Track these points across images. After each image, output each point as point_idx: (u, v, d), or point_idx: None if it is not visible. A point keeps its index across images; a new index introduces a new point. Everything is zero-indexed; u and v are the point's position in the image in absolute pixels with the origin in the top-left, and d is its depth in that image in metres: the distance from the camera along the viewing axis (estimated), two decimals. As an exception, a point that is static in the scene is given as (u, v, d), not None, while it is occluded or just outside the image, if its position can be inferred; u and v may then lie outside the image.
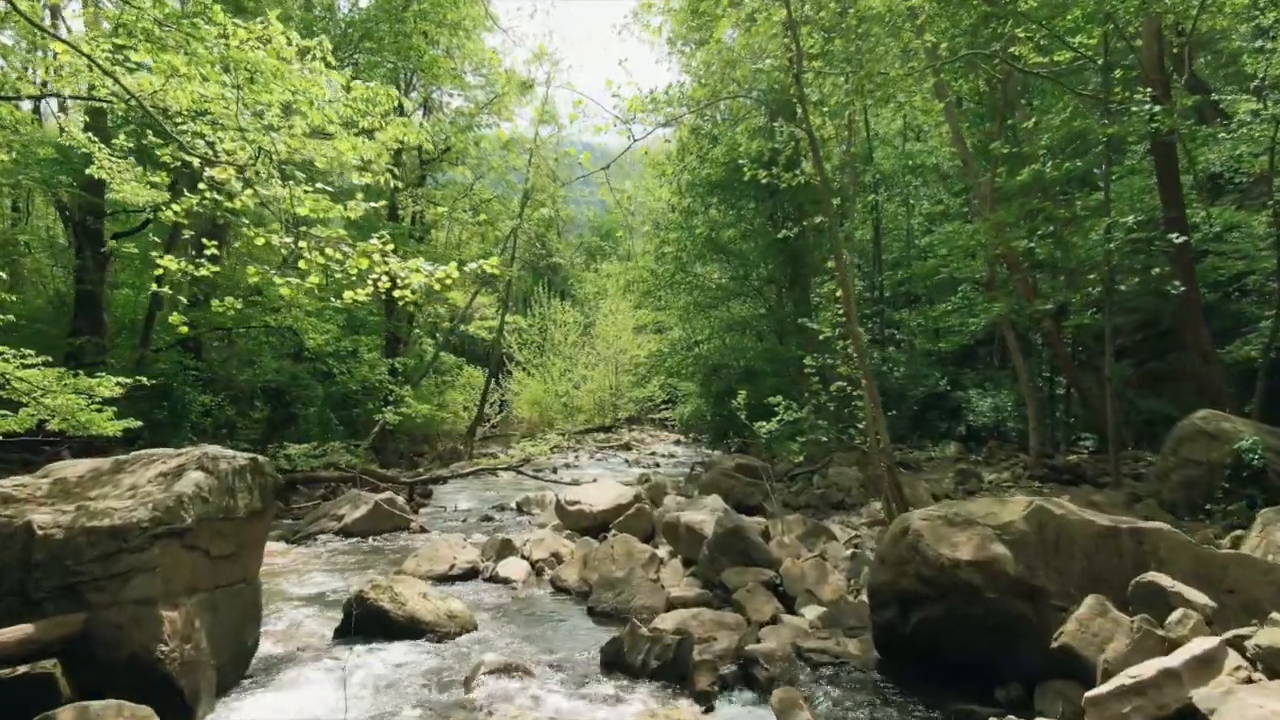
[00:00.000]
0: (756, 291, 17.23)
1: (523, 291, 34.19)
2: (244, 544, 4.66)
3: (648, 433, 27.99)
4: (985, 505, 4.10)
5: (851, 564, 6.03)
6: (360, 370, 15.64)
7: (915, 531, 4.02)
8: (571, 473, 16.78)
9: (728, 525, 6.24)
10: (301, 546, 8.38)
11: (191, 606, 4.14)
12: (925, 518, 4.10)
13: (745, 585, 5.80)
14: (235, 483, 4.55)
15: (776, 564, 6.18)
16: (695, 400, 20.59)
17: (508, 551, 7.40)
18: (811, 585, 5.72)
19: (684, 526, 6.74)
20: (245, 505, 4.60)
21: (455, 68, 20.39)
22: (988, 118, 11.99)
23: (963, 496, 8.97)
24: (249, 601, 4.72)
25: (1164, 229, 8.10)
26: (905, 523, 4.15)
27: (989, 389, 12.83)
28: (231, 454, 4.68)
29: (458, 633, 5.37)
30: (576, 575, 6.50)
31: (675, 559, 6.83)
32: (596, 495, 8.65)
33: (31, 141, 10.86)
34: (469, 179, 24.83)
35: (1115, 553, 3.70)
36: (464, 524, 10.54)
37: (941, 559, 3.85)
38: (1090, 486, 8.63)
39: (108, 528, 3.88)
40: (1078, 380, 11.90)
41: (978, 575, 3.76)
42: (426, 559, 7.09)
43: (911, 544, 4.00)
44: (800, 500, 9.97)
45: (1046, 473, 9.65)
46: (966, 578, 3.78)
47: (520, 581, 6.80)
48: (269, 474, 4.87)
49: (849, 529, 8.16)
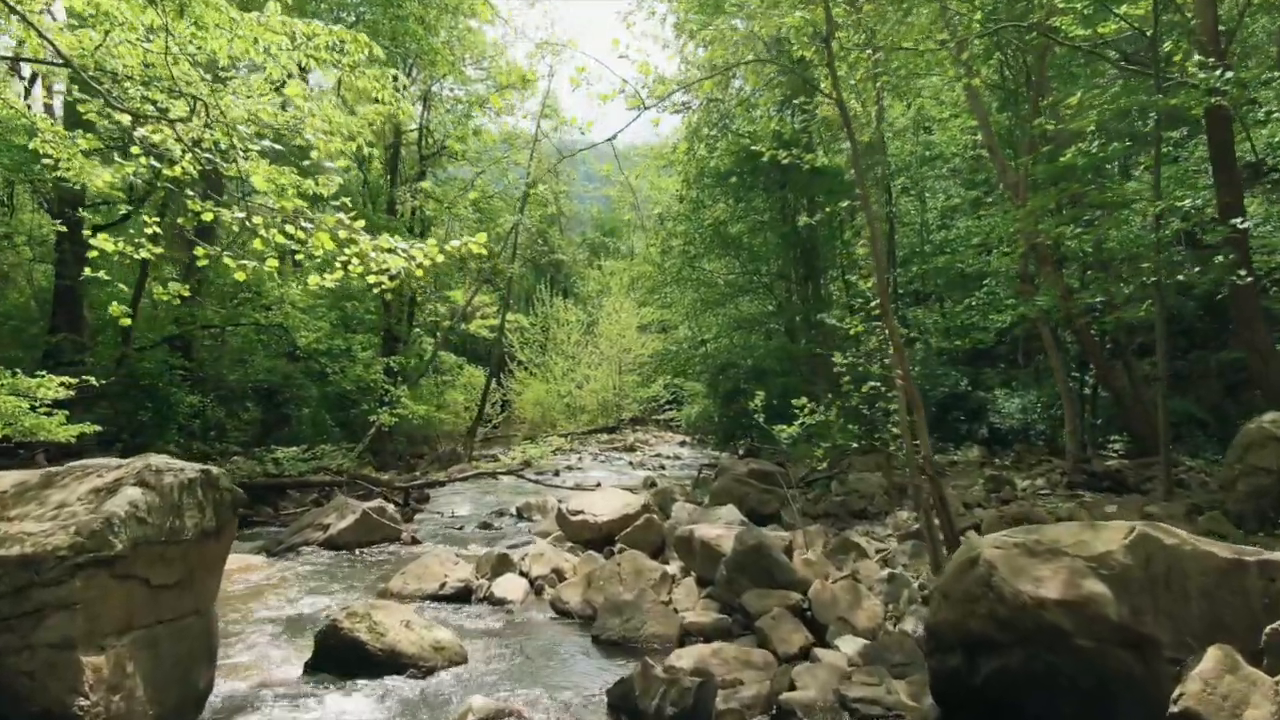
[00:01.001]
0: (766, 288, 16.57)
1: (525, 289, 33.59)
2: (194, 570, 4.01)
3: (652, 433, 27.35)
4: (1073, 531, 3.43)
5: (889, 586, 5.37)
6: (354, 370, 15.00)
7: (987, 562, 3.35)
8: (574, 475, 16.14)
9: (748, 542, 5.58)
10: (282, 560, 7.75)
11: (124, 648, 3.51)
12: (999, 545, 3.43)
13: (769, 611, 5.14)
14: (182, 499, 3.90)
15: (803, 585, 5.53)
16: (702, 400, 19.93)
17: (504, 567, 6.75)
18: (845, 612, 5.07)
19: (699, 542, 6.08)
20: (195, 525, 3.96)
21: (455, 59, 19.76)
22: (1018, 100, 11.30)
23: (996, 506, 8.29)
24: (200, 637, 4.07)
25: (1219, 216, 7.42)
26: (974, 551, 3.48)
27: (1016, 389, 12.13)
28: (180, 465, 4.03)
29: (444, 666, 4.73)
30: (579, 596, 5.85)
31: (689, 578, 6.18)
32: (601, 504, 8.00)
33: (3, 129, 10.26)
34: (470, 173, 24.24)
35: (1240, 592, 3.05)
36: (460, 532, 9.91)
37: (1021, 597, 3.19)
38: (1138, 495, 7.95)
39: (17, 557, 3.24)
40: (1110, 379, 11.21)
41: (1068, 618, 3.10)
42: (415, 576, 6.45)
43: (983, 578, 3.33)
44: (819, 508, 9.30)
45: (1085, 479, 8.97)
46: (1053, 621, 3.12)
47: (517, 603, 6.16)
48: (226, 487, 4.22)
49: (874, 540, 7.50)
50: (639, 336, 27.45)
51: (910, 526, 7.60)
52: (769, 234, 15.75)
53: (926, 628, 3.83)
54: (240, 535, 9.70)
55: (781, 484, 9.53)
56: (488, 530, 10.02)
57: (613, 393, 27.61)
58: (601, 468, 17.98)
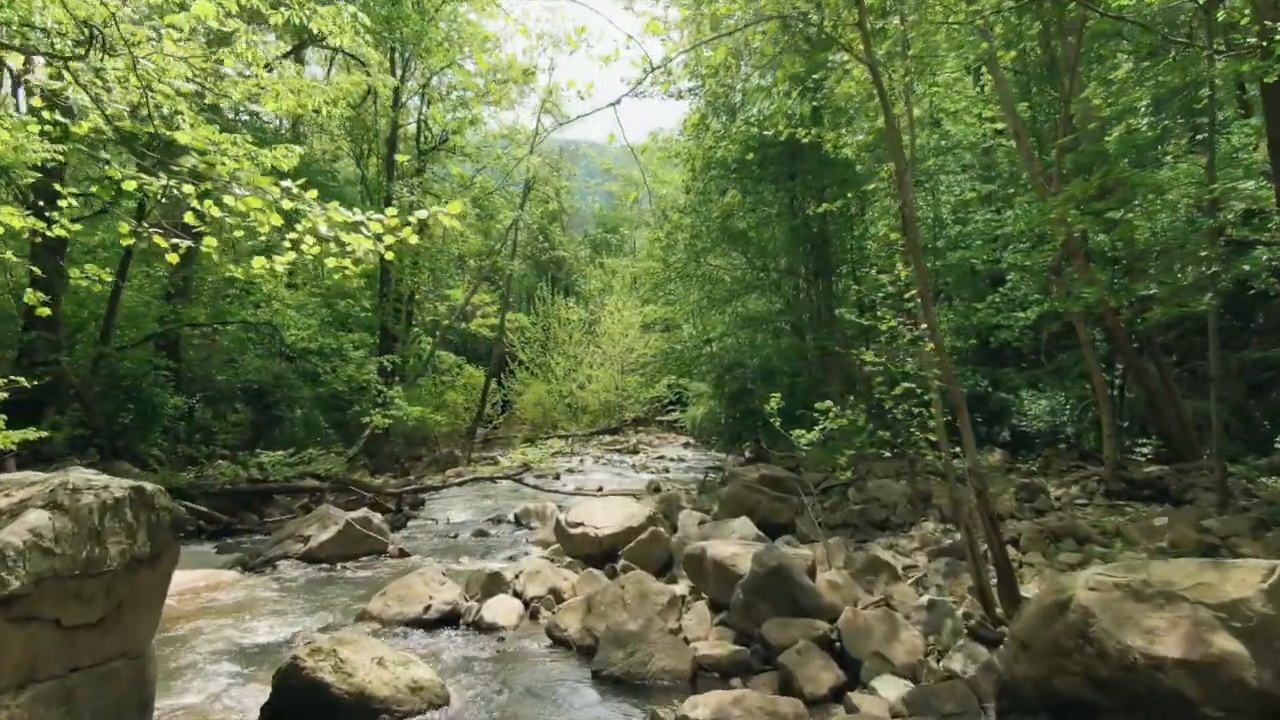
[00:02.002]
0: (774, 284, 15.92)
1: (526, 288, 33.00)
2: (121, 605, 3.41)
3: (655, 434, 26.75)
4: (1190, 570, 2.81)
5: (928, 615, 4.74)
6: (346, 369, 14.39)
7: (1082, 608, 2.73)
8: (575, 478, 15.56)
9: (769, 564, 4.96)
10: (257, 575, 7.14)
11: (24, 704, 2.90)
12: (1096, 586, 2.80)
13: (794, 643, 4.52)
14: (105, 523, 3.29)
15: (830, 612, 4.91)
16: (707, 402, 19.29)
17: (496, 587, 6.14)
18: (880, 645, 4.44)
19: (711, 562, 5.46)
20: (122, 552, 3.35)
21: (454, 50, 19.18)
22: (1042, 86, 10.66)
23: (1032, 517, 7.66)
24: (131, 684, 3.47)
25: (1278, 201, 6.76)
26: (1063, 593, 2.85)
27: (1043, 390, 11.47)
28: (105, 482, 3.41)
29: (422, 710, 4.11)
30: (579, 623, 5.23)
31: (700, 601, 5.56)
32: (603, 516, 7.38)
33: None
34: (470, 169, 23.68)
35: None
36: (454, 541, 9.32)
37: (1130, 655, 2.57)
38: (1188, 506, 7.30)
39: (-120, 601, 2.64)
40: (1143, 378, 10.56)
41: (1193, 683, 2.48)
42: (397, 598, 5.83)
43: (1076, 627, 2.71)
44: (836, 518, 8.67)
45: (1124, 487, 8.31)
46: (1173, 686, 2.50)
47: (510, 628, 5.54)
48: (163, 506, 3.61)
49: (900, 555, 6.88)
50: (642, 335, 26.86)
51: (940, 541, 6.97)
52: (777, 228, 15.11)
53: (1000, 684, 3.20)
54: (222, 546, 9.13)
55: (797, 491, 8.91)
56: (483, 538, 9.43)
57: (615, 393, 27.01)
58: (603, 470, 17.39)
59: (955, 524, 6.01)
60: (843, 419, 5.93)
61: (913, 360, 5.51)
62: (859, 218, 15.50)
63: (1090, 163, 8.96)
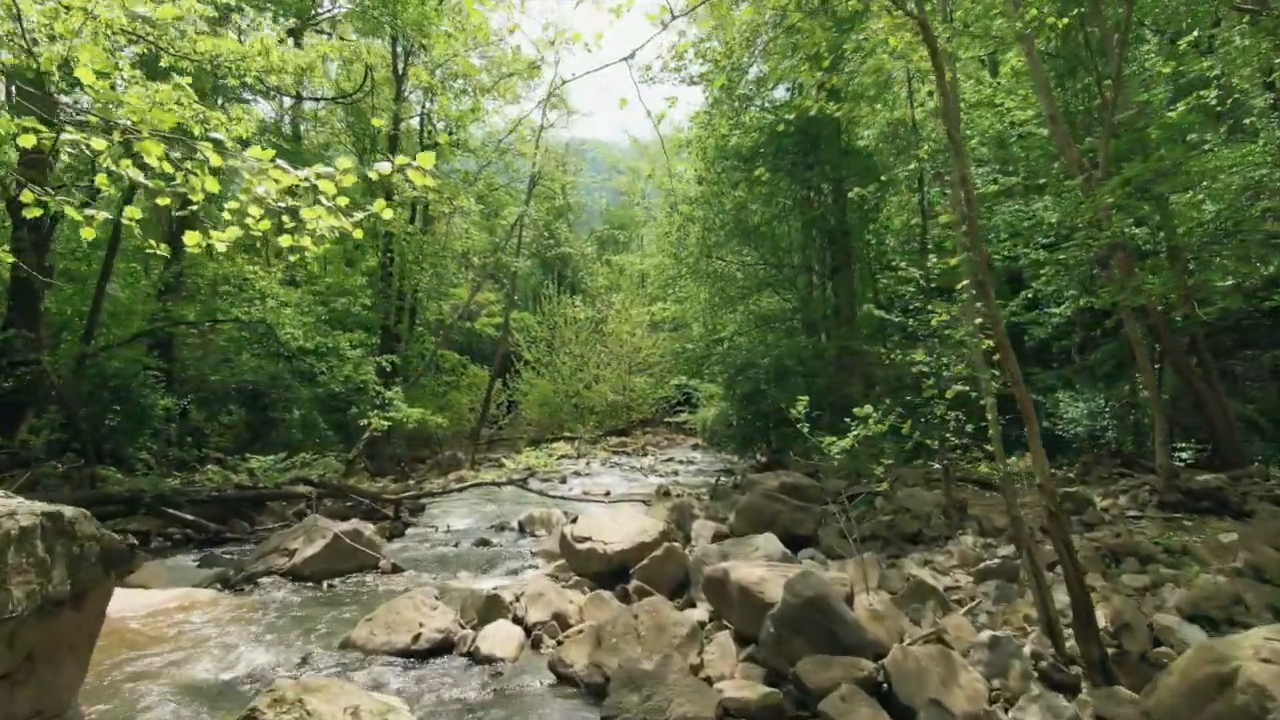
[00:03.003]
0: (789, 281, 15.27)
1: (531, 286, 32.46)
2: (34, 656, 2.81)
3: (663, 436, 26.15)
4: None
5: (990, 654, 4.10)
6: (344, 369, 13.82)
7: (1256, 688, 2.09)
8: (582, 481, 14.97)
9: (804, 594, 4.33)
10: (236, 594, 6.55)
11: (-110, 794, 2.31)
12: (1272, 658, 2.18)
13: (835, 686, 3.90)
14: (9, 558, 2.70)
15: (875, 649, 4.28)
16: (719, 403, 18.65)
17: (494, 612, 5.53)
18: (936, 691, 3.81)
19: (736, 588, 4.83)
20: (32, 593, 2.76)
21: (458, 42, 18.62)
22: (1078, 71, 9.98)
23: (1081, 531, 6.99)
24: (45, 750, 2.88)
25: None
26: (1224, 664, 2.23)
27: (1082, 391, 10.78)
28: (11, 508, 2.82)
29: (404, 770, 3.51)
30: (586, 657, 4.62)
31: (723, 631, 4.93)
32: (612, 529, 6.76)
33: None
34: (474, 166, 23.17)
35: None
36: (453, 550, 8.72)
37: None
38: (1250, 519, 6.61)
39: None
40: (1192, 378, 9.87)
41: None
42: (383, 625, 5.23)
43: (1248, 711, 2.08)
44: (863, 529, 8.02)
45: (1179, 498, 7.63)
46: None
47: (509, 660, 4.94)
48: (88, 536, 3.02)
49: (938, 573, 6.23)
50: (650, 335, 26.25)
51: (982, 557, 6.33)
52: (792, 222, 14.48)
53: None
54: (206, 558, 8.50)
55: (820, 500, 8.29)
56: (484, 548, 8.83)
57: (622, 394, 26.41)
58: (611, 473, 16.80)
59: (1014, 543, 5.36)
60: (882, 425, 5.29)
61: (962, 360, 4.86)
62: (875, 212, 14.85)
63: (1130, 150, 8.29)
